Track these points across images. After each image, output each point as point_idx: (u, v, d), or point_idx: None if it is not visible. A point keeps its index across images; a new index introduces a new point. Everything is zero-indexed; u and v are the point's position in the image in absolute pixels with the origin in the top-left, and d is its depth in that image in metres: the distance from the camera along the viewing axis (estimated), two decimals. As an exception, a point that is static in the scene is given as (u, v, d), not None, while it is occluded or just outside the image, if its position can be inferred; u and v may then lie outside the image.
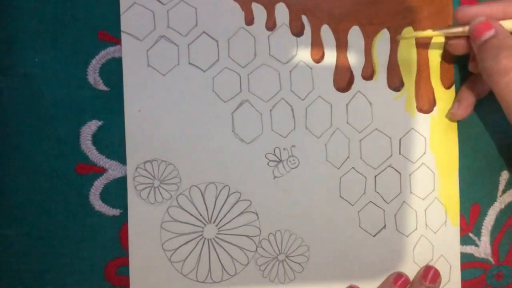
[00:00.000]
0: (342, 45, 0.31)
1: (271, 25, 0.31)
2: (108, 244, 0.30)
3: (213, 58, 0.30)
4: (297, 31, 0.31)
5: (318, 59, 0.31)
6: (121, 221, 0.30)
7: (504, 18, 0.27)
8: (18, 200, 0.29)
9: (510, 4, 0.27)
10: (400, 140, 0.32)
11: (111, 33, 0.29)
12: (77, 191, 0.29)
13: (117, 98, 0.29)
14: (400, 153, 0.32)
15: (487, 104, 0.33)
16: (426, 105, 0.32)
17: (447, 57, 0.32)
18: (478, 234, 0.33)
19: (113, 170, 0.30)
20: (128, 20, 0.29)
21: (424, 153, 0.32)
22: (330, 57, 0.31)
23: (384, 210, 0.32)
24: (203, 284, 0.30)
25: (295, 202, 0.31)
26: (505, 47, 0.25)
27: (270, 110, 0.31)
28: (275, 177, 0.31)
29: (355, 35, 0.31)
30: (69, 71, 0.29)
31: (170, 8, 0.30)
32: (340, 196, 0.31)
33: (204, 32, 0.30)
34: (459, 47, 0.29)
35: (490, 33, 0.26)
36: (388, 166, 0.32)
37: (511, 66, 0.25)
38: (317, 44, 0.31)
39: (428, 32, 0.30)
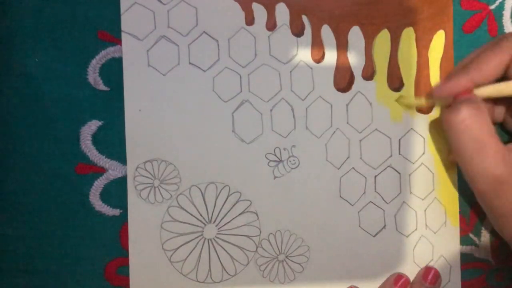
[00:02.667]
0: (342, 45, 0.31)
1: (271, 25, 0.31)
2: (108, 244, 0.30)
3: (214, 58, 0.30)
4: (298, 31, 0.31)
5: (319, 59, 0.31)
6: (121, 221, 0.30)
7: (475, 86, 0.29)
8: (18, 200, 0.29)
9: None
10: (399, 140, 0.32)
11: (111, 33, 0.29)
12: (77, 191, 0.29)
13: (117, 98, 0.29)
14: (399, 153, 0.32)
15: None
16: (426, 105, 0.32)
17: (447, 57, 0.32)
18: (478, 234, 0.33)
19: (113, 170, 0.30)
20: (128, 20, 0.29)
21: (424, 153, 0.32)
22: (331, 57, 0.31)
23: (384, 210, 0.32)
24: (203, 284, 0.30)
25: (295, 202, 0.31)
26: (468, 100, 0.27)
27: (270, 110, 0.31)
28: (275, 177, 0.31)
29: (355, 35, 0.31)
30: (69, 71, 0.29)
31: (171, 8, 0.30)
32: (340, 196, 0.31)
33: (204, 32, 0.30)
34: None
35: (466, 96, 0.28)
36: (388, 166, 0.32)
37: (463, 115, 0.27)
38: (317, 44, 0.31)
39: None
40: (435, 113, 0.32)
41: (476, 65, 0.28)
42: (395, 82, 0.32)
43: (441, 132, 0.32)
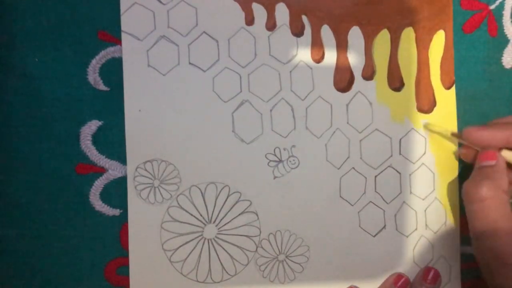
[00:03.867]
0: (342, 45, 0.31)
1: (271, 25, 0.31)
2: (108, 244, 0.30)
3: (213, 58, 0.30)
4: (297, 31, 0.31)
5: (318, 59, 0.31)
6: (121, 221, 0.30)
7: (506, 146, 0.29)
8: (18, 200, 0.29)
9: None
10: (400, 140, 0.32)
11: (111, 33, 0.29)
12: (77, 191, 0.29)
13: (117, 98, 0.29)
14: (400, 153, 0.32)
15: (486, 103, 0.33)
16: (426, 105, 0.32)
17: (447, 57, 0.32)
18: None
19: (113, 170, 0.30)
20: (128, 20, 0.29)
21: (424, 153, 0.32)
22: (330, 57, 0.31)
23: (384, 210, 0.32)
24: (203, 284, 0.30)
25: (295, 202, 0.31)
26: (491, 177, 0.28)
27: (270, 110, 0.31)
28: (275, 177, 0.31)
29: (355, 35, 0.31)
30: (69, 71, 0.29)
31: (170, 8, 0.30)
32: (340, 196, 0.31)
33: (204, 32, 0.30)
34: (469, 157, 0.31)
35: (491, 162, 0.29)
36: (388, 166, 0.32)
37: (485, 194, 0.27)
38: (317, 44, 0.31)
39: (446, 131, 0.32)
40: (436, 113, 0.32)
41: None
42: (396, 82, 0.32)
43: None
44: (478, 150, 0.30)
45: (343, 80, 0.31)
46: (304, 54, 0.31)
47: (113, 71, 0.29)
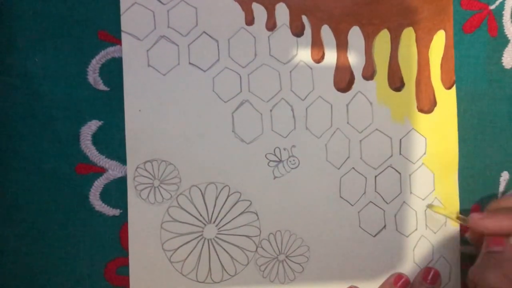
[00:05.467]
0: (342, 45, 0.31)
1: (271, 25, 0.31)
2: (108, 244, 0.30)
3: (213, 58, 0.30)
4: (297, 31, 0.31)
5: (318, 59, 0.31)
6: (121, 221, 0.30)
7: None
8: (18, 200, 0.29)
9: None
10: (400, 140, 0.32)
11: (111, 33, 0.29)
12: (77, 191, 0.29)
13: (117, 98, 0.29)
14: (400, 153, 0.32)
15: (487, 103, 0.33)
16: (427, 105, 0.32)
17: (447, 57, 0.32)
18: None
19: (113, 170, 0.30)
20: (128, 20, 0.29)
21: (424, 153, 0.32)
22: (331, 57, 0.31)
23: (384, 210, 0.32)
24: (203, 284, 0.30)
25: (295, 202, 0.31)
26: (499, 266, 0.27)
27: (270, 110, 0.31)
28: (275, 177, 0.31)
29: (355, 35, 0.31)
30: (69, 71, 0.29)
31: (170, 8, 0.30)
32: (340, 196, 0.31)
33: (204, 32, 0.30)
34: (476, 239, 0.30)
35: (498, 248, 0.28)
36: (388, 166, 0.32)
37: (492, 284, 0.26)
38: (317, 44, 0.31)
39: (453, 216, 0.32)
40: (437, 113, 0.32)
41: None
42: (396, 82, 0.32)
43: (442, 132, 0.32)
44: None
45: (343, 80, 0.31)
46: (304, 54, 0.31)
47: (113, 71, 0.29)
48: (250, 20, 0.30)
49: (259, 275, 0.31)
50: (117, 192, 0.30)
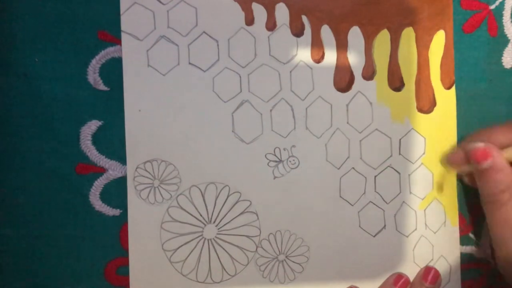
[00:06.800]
0: (342, 45, 0.31)
1: (271, 25, 0.31)
2: (108, 244, 0.30)
3: (213, 58, 0.30)
4: (297, 31, 0.31)
5: (318, 59, 0.31)
6: (121, 221, 0.30)
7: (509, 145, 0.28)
8: (18, 200, 0.29)
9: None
10: (400, 140, 0.32)
11: (111, 33, 0.29)
12: (77, 191, 0.29)
13: (117, 98, 0.29)
14: (400, 153, 0.32)
15: (486, 103, 0.33)
16: (427, 105, 0.32)
17: (447, 57, 0.32)
18: (479, 234, 0.33)
19: (113, 170, 0.30)
20: (128, 20, 0.29)
21: (424, 153, 0.32)
22: (330, 57, 0.31)
23: (384, 210, 0.32)
24: (203, 284, 0.30)
25: (295, 202, 0.31)
26: (503, 182, 0.26)
27: (270, 110, 0.31)
28: (275, 177, 0.31)
29: (355, 35, 0.31)
30: (69, 71, 0.29)
31: (170, 8, 0.30)
32: (340, 196, 0.31)
33: (204, 32, 0.30)
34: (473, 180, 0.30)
35: (487, 163, 0.27)
36: (388, 166, 0.32)
37: (505, 200, 0.26)
38: (317, 44, 0.31)
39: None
40: (436, 113, 0.32)
41: (489, 132, 0.28)
42: (396, 82, 0.32)
43: (442, 132, 0.32)
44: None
45: (343, 80, 0.31)
46: (304, 54, 0.31)
47: (113, 71, 0.29)
48: (250, 20, 0.30)
49: (259, 275, 0.31)
50: (117, 192, 0.30)
